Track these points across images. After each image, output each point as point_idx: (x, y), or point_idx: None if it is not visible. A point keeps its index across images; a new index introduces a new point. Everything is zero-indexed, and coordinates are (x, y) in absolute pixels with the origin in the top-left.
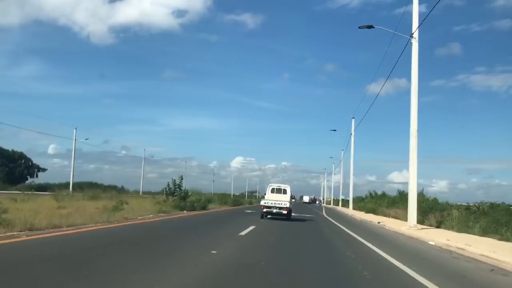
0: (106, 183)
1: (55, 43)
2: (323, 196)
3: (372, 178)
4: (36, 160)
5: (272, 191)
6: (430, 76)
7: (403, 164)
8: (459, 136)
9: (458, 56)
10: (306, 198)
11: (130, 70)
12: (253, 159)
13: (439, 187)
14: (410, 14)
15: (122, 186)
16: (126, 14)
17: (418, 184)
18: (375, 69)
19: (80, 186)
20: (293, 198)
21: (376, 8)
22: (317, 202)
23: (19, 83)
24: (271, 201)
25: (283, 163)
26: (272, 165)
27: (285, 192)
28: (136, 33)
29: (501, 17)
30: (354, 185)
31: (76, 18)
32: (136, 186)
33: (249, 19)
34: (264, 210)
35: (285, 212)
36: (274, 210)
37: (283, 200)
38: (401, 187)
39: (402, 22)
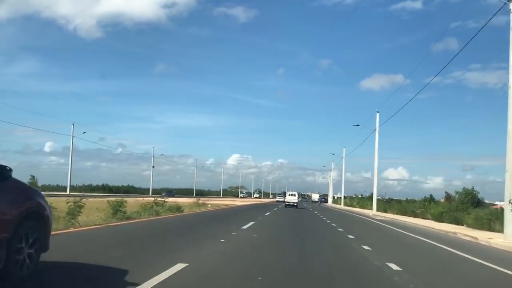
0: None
1: (42, 38)
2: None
3: (368, 175)
4: (32, 158)
5: (289, 194)
6: (425, 73)
7: (399, 161)
8: (454, 133)
9: (454, 53)
10: (315, 197)
11: (123, 66)
12: (249, 156)
13: (434, 184)
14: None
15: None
16: (111, 5)
17: (413, 181)
18: (369, 65)
19: None
20: (299, 198)
21: (372, 5)
22: (317, 200)
23: (13, 80)
24: (289, 199)
25: (279, 160)
26: (268, 162)
27: (295, 195)
28: (125, 27)
29: (498, 13)
30: (349, 182)
31: (61, 10)
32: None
33: (241, 13)
34: (286, 203)
35: (295, 204)
36: (291, 203)
37: (294, 199)
38: (396, 184)
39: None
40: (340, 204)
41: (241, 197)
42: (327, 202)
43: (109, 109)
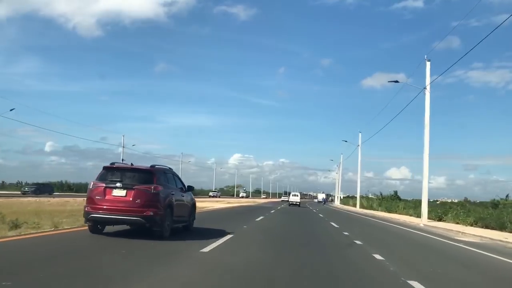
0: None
1: (41, 37)
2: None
3: (370, 175)
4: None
5: (293, 195)
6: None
7: (401, 161)
8: (456, 132)
9: (456, 51)
10: (320, 197)
11: (124, 65)
12: (251, 156)
13: (436, 183)
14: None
15: None
16: (110, 3)
17: (416, 181)
18: (371, 64)
19: None
20: (301, 198)
21: (373, 4)
22: (321, 200)
23: (15, 80)
24: (292, 199)
25: (281, 160)
26: (270, 162)
27: (297, 195)
28: (125, 26)
29: (499, 12)
30: (351, 181)
31: (60, 8)
32: None
33: (241, 12)
34: (290, 202)
35: (298, 203)
36: (294, 202)
37: (297, 198)
38: (398, 184)
39: None
40: (354, 206)
41: (210, 196)
42: (334, 202)
43: (110, 109)
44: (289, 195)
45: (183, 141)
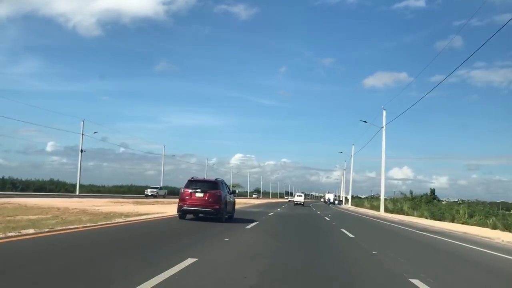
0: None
1: (41, 37)
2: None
3: (372, 175)
4: (34, 158)
5: (297, 195)
6: (428, 71)
7: (403, 161)
8: (458, 132)
9: (457, 51)
10: (327, 197)
11: (125, 65)
12: (252, 156)
13: (439, 183)
14: None
15: None
16: (110, 2)
17: (418, 181)
18: (372, 64)
19: None
20: (305, 198)
21: (375, 4)
22: (327, 200)
23: (17, 80)
24: (297, 199)
25: (283, 159)
26: (272, 162)
27: (301, 196)
28: (125, 25)
29: (501, 11)
30: (354, 182)
31: (59, 7)
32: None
33: (242, 11)
34: (294, 203)
35: (302, 203)
36: (298, 202)
37: (301, 198)
38: (400, 184)
39: None
40: (373, 209)
41: (149, 195)
42: (341, 203)
43: (112, 109)
44: (293, 195)
45: (185, 141)
